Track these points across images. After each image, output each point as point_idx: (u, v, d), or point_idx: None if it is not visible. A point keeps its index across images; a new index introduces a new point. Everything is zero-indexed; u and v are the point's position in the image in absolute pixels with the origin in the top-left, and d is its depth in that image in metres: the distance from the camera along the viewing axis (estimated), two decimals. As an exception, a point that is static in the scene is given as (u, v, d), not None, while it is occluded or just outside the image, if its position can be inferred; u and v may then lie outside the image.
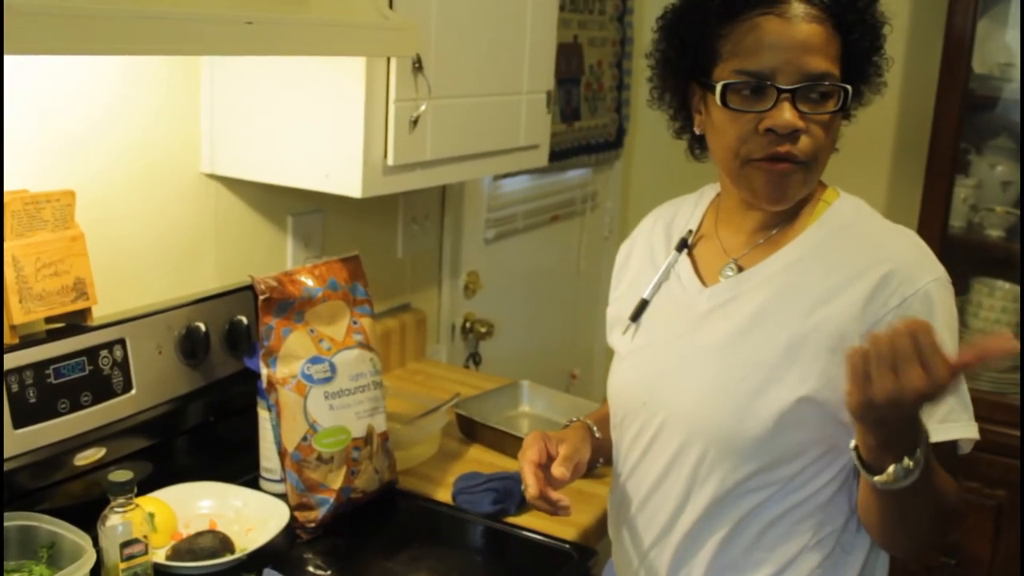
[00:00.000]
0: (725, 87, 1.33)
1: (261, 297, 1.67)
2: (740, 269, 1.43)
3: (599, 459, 1.59)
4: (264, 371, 1.68)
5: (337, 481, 1.68)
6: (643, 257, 1.57)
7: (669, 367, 1.44)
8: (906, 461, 1.19)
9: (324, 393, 1.68)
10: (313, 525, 1.67)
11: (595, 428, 1.58)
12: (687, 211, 1.57)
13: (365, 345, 1.76)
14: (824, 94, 1.33)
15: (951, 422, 1.32)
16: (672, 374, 1.44)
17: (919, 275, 1.33)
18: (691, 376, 1.41)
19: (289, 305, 1.70)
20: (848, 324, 1.31)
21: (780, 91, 1.31)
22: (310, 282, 1.73)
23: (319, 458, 1.67)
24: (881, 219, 1.44)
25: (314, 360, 1.69)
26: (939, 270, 1.36)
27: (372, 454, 1.73)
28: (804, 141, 1.33)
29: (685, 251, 1.51)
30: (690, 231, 1.52)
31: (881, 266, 1.33)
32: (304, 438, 1.66)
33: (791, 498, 1.38)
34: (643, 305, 1.51)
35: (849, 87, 1.34)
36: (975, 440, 1.35)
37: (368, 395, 1.74)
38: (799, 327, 1.34)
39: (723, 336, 1.39)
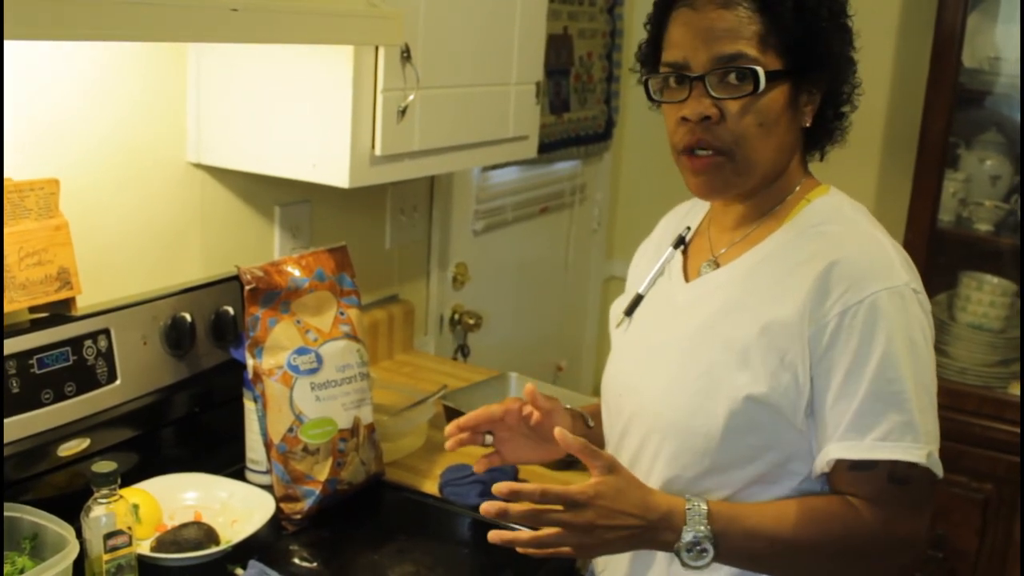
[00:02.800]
0: (646, 81, 1.38)
1: (247, 287, 1.66)
2: (717, 266, 1.43)
3: None
4: (250, 362, 1.66)
5: (323, 473, 1.67)
6: (651, 254, 1.58)
7: (641, 361, 1.46)
8: (681, 549, 1.26)
9: (310, 384, 1.67)
10: (299, 517, 1.66)
11: (588, 418, 1.58)
12: (695, 208, 1.58)
13: (352, 336, 1.75)
14: (741, 76, 1.30)
15: (890, 442, 1.26)
16: (642, 368, 1.45)
17: (869, 282, 1.27)
18: (657, 370, 1.42)
19: (275, 295, 1.68)
20: (793, 327, 1.29)
21: (692, 79, 1.31)
22: (297, 272, 1.71)
23: (305, 449, 1.66)
24: (858, 222, 1.37)
25: (300, 351, 1.67)
26: (898, 278, 1.28)
27: (358, 446, 1.72)
28: (721, 128, 1.31)
29: (681, 247, 1.51)
30: (688, 228, 1.53)
31: (825, 260, 1.29)
32: (290, 429, 1.65)
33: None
34: (637, 300, 1.52)
35: (758, 68, 1.28)
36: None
37: (355, 386, 1.73)
38: (751, 328, 1.32)
39: (687, 332, 1.40)
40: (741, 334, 1.32)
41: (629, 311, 1.52)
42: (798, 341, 1.28)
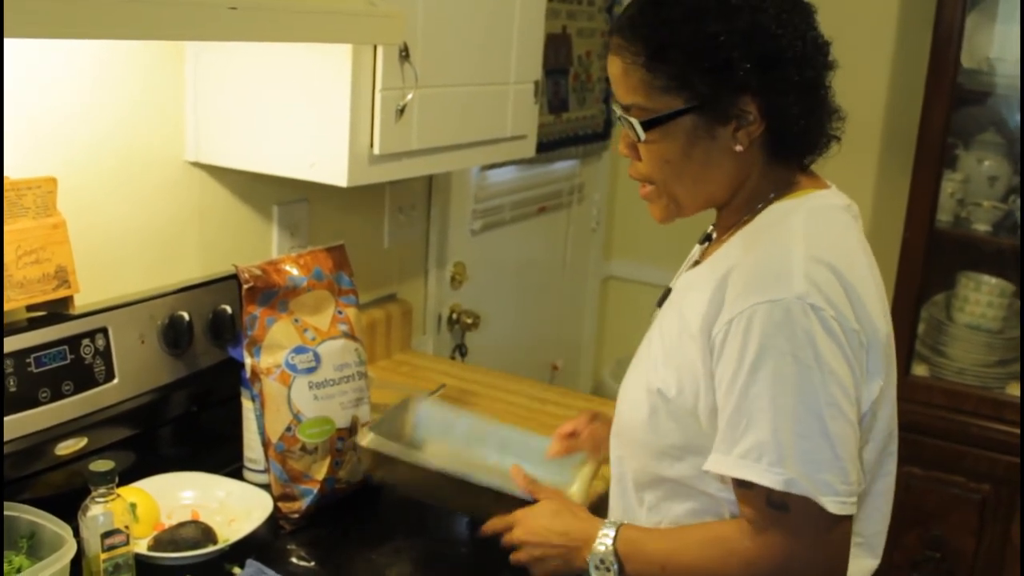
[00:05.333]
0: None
1: (245, 286, 1.65)
2: (696, 264, 1.48)
3: None
4: (248, 361, 1.66)
5: (321, 472, 1.67)
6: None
7: (637, 354, 1.52)
8: (589, 564, 1.40)
9: (308, 383, 1.67)
10: (297, 516, 1.66)
11: None
12: None
13: (350, 335, 1.75)
14: (628, 125, 1.35)
15: (749, 461, 1.24)
16: (632, 364, 1.51)
17: (753, 292, 1.25)
18: (634, 364, 1.48)
19: (273, 294, 1.68)
20: (696, 331, 1.31)
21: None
22: (295, 271, 1.71)
23: (303, 448, 1.65)
24: (789, 227, 1.32)
25: (298, 350, 1.67)
26: (787, 290, 1.23)
27: (356, 445, 1.72)
28: (640, 164, 1.39)
29: (706, 244, 1.53)
30: (713, 225, 1.53)
31: (727, 265, 1.31)
32: (288, 428, 1.65)
33: (691, 503, 1.39)
34: (666, 293, 1.54)
35: (633, 120, 1.33)
36: (843, 503, 1.23)
37: (353, 385, 1.73)
38: (675, 328, 1.36)
39: (654, 330, 1.45)
40: (669, 334, 1.37)
41: (660, 303, 1.55)
42: (699, 347, 1.30)
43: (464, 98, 2.00)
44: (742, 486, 1.27)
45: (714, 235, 1.52)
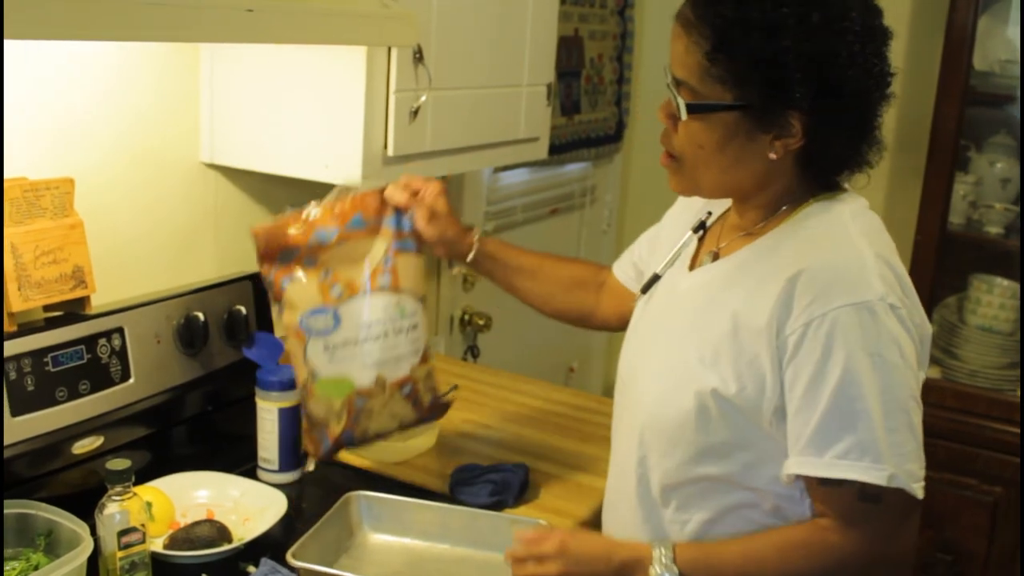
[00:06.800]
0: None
1: (257, 249, 1.58)
2: (716, 258, 1.45)
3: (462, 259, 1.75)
4: (276, 316, 1.62)
5: (339, 426, 1.61)
6: (676, 229, 1.59)
7: (640, 347, 1.51)
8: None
9: (324, 345, 1.58)
10: (315, 457, 1.69)
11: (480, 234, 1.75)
12: None
13: (391, 289, 1.63)
14: (678, 102, 1.34)
15: (849, 461, 1.26)
16: (639, 354, 1.50)
17: (835, 295, 1.26)
18: (648, 358, 1.47)
19: (292, 253, 1.58)
20: (762, 332, 1.30)
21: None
22: (323, 226, 1.59)
23: (319, 399, 1.60)
24: (845, 227, 1.34)
25: (316, 311, 1.58)
26: (868, 292, 1.25)
27: (387, 402, 1.64)
28: (673, 137, 1.38)
29: (700, 232, 1.52)
30: (709, 213, 1.53)
31: (796, 266, 1.29)
32: (305, 383, 1.60)
33: (728, 498, 1.38)
34: (653, 279, 1.54)
35: (680, 101, 1.32)
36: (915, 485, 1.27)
37: (383, 343, 1.62)
38: (725, 327, 1.34)
39: (676, 323, 1.43)
40: (716, 332, 1.34)
41: (645, 289, 1.55)
42: (766, 346, 1.29)
43: (477, 100, 2.01)
44: (828, 484, 1.28)
45: (708, 222, 1.52)
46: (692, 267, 1.49)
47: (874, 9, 1.31)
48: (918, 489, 1.27)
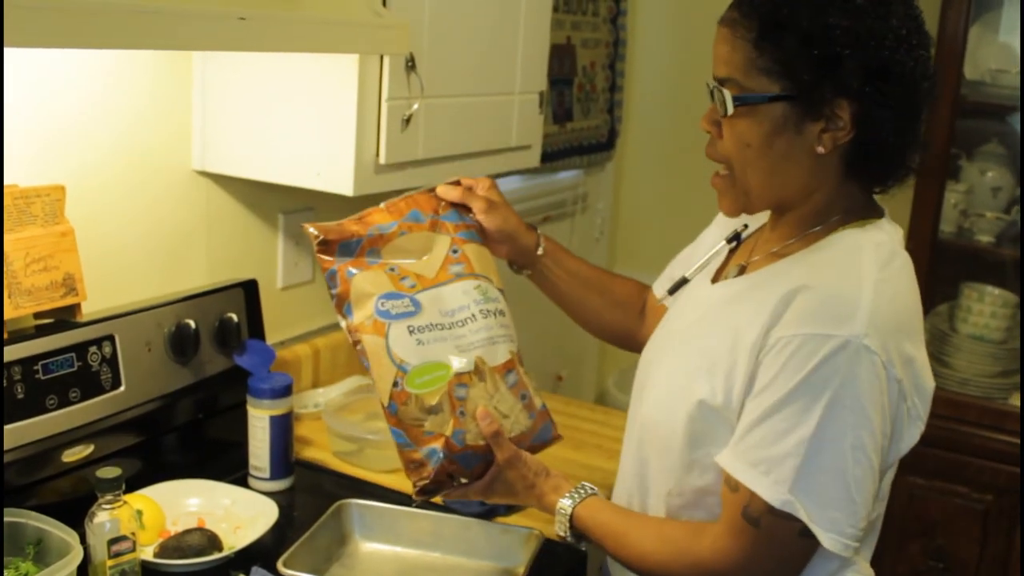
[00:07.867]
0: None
1: (315, 241, 1.45)
2: (742, 272, 1.44)
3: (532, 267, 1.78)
4: (343, 324, 1.44)
5: (446, 427, 1.41)
6: (717, 235, 1.59)
7: (654, 351, 1.51)
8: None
9: (408, 328, 1.42)
10: (426, 483, 1.41)
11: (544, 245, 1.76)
12: None
13: (465, 275, 1.51)
14: (723, 98, 1.32)
15: (755, 470, 1.25)
16: (654, 358, 1.49)
17: (818, 322, 1.23)
18: (657, 364, 1.47)
19: (355, 244, 1.47)
20: (751, 346, 1.29)
21: (711, 91, 1.35)
22: (381, 220, 1.51)
23: (417, 404, 1.41)
24: (860, 258, 1.30)
25: (389, 295, 1.44)
26: (845, 328, 1.21)
27: (492, 393, 1.46)
28: (719, 143, 1.36)
29: (734, 243, 1.53)
30: (745, 225, 1.53)
31: (796, 283, 1.27)
32: (395, 383, 1.40)
33: (716, 510, 1.36)
34: (681, 283, 1.55)
35: (726, 92, 1.30)
36: (838, 544, 1.22)
37: (472, 327, 1.47)
38: (725, 342, 1.33)
39: (687, 332, 1.43)
40: (717, 346, 1.34)
41: (672, 291, 1.56)
42: (747, 356, 1.29)
43: (469, 108, 2.01)
44: (731, 487, 1.28)
45: (743, 235, 1.51)
46: (716, 278, 1.48)
47: (914, 6, 1.32)
48: (831, 540, 1.22)
